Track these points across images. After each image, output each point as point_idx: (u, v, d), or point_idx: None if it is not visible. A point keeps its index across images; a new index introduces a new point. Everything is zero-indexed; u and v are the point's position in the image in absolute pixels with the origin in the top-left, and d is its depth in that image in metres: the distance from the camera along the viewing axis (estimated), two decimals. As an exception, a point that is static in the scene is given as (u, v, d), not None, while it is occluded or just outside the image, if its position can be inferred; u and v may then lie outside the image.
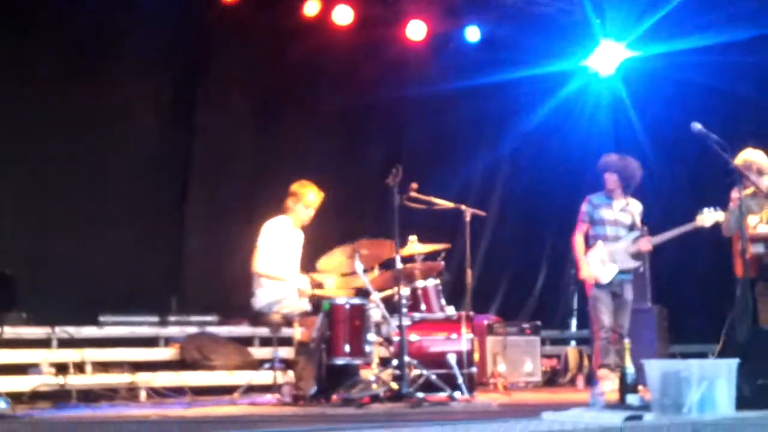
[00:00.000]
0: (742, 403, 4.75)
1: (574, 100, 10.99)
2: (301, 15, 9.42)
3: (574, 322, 10.99)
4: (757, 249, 6.96)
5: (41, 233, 8.38)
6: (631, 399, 5.24)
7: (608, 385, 6.89)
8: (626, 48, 10.55)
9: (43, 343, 7.70)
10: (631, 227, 7.61)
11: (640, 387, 5.40)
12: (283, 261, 7.11)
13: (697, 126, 6.29)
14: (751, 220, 7.08)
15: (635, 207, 7.66)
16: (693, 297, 9.84)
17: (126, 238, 8.78)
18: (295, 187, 7.24)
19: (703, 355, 7.53)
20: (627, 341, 5.68)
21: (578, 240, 7.64)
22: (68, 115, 8.53)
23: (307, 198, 7.18)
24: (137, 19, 8.79)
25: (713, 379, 4.59)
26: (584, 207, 7.64)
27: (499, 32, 10.50)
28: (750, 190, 7.22)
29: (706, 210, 7.26)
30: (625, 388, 5.35)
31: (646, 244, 7.57)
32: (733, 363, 4.72)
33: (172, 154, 9.19)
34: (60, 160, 8.49)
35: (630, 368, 5.40)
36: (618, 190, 7.59)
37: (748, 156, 6.76)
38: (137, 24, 8.82)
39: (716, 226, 7.33)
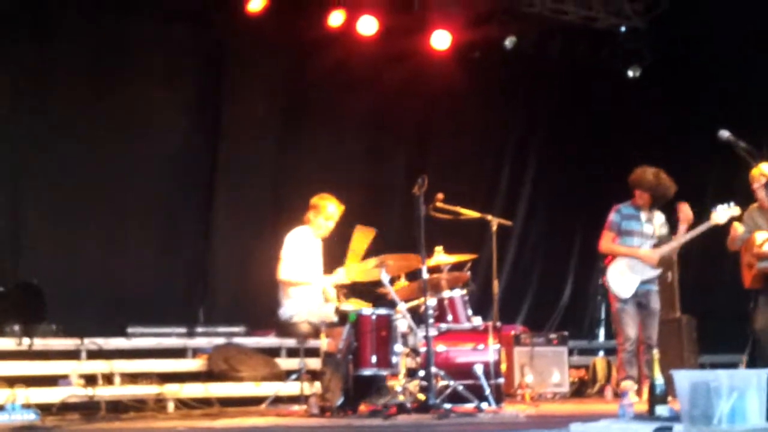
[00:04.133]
0: (773, 414, 4.70)
1: (598, 107, 10.97)
2: (325, 25, 9.46)
3: (601, 332, 10.94)
4: (764, 264, 6.90)
5: (70, 245, 8.46)
6: (661, 410, 5.21)
7: (632, 397, 6.83)
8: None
9: (72, 354, 7.75)
10: (652, 237, 7.54)
11: (670, 398, 5.36)
12: (307, 269, 7.14)
13: (725, 133, 6.24)
14: (759, 236, 7.01)
15: (658, 219, 7.60)
16: (722, 306, 9.74)
17: (153, 249, 8.85)
18: (315, 200, 7.26)
19: (733, 366, 7.48)
20: (655, 352, 5.65)
21: (610, 245, 7.53)
22: (95, 126, 8.62)
23: (327, 211, 7.21)
24: (164, 29, 8.89)
25: (743, 390, 4.54)
26: (613, 216, 7.55)
27: (526, 41, 10.50)
28: (757, 204, 7.18)
29: (720, 207, 7.18)
30: (654, 399, 5.31)
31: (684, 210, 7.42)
32: (763, 373, 4.67)
33: (197, 165, 9.26)
34: (87, 171, 8.57)
35: (659, 379, 5.36)
36: (647, 205, 7.52)
37: (764, 169, 6.69)
38: (164, 33, 8.92)
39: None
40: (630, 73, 10.84)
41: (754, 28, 9.91)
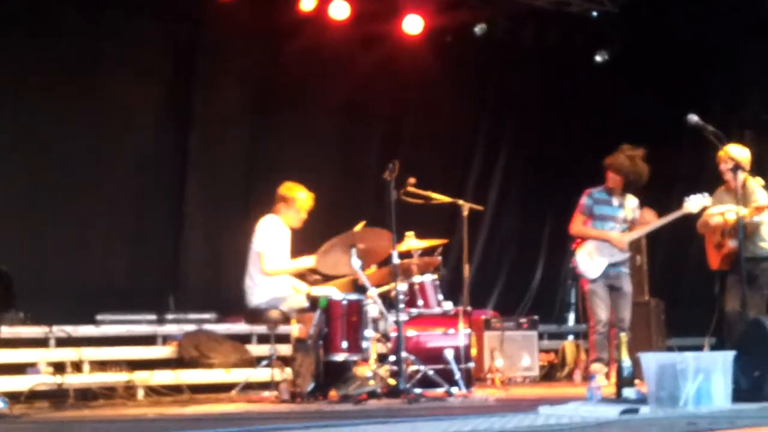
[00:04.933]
0: (738, 395, 4.75)
1: (570, 92, 11.01)
2: (297, 10, 9.40)
3: (571, 317, 11.01)
4: (734, 244, 6.98)
5: (38, 232, 8.41)
6: (628, 392, 5.24)
7: (600, 379, 6.88)
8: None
9: (41, 342, 7.70)
10: (624, 222, 7.58)
11: (637, 381, 5.40)
12: (283, 258, 7.11)
13: (694, 117, 6.28)
14: (729, 216, 7.08)
15: (631, 203, 7.63)
16: (690, 290, 9.84)
17: (123, 237, 8.81)
18: (283, 190, 7.17)
19: (700, 348, 7.56)
20: (623, 335, 5.69)
21: (581, 228, 7.56)
22: (64, 114, 8.55)
23: (298, 201, 7.16)
24: (133, 18, 8.80)
25: (709, 372, 4.59)
26: (584, 200, 7.57)
27: (498, 26, 10.51)
28: (724, 186, 7.26)
29: (693, 196, 7.26)
30: (622, 381, 5.35)
31: (648, 215, 7.50)
32: (729, 355, 4.72)
33: (168, 153, 9.20)
34: (57, 159, 8.51)
35: (627, 362, 5.40)
36: (619, 189, 7.55)
37: (730, 151, 6.75)
38: (133, 22, 8.83)
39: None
40: (598, 58, 10.90)
41: (725, 13, 9.98)
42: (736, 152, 6.83)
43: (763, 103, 10.26)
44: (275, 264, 7.02)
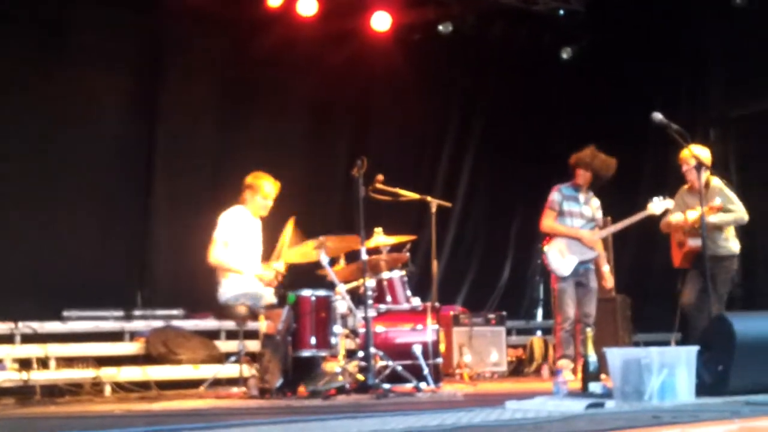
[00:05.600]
0: (702, 389, 4.81)
1: (537, 90, 11.09)
2: (265, 6, 9.39)
3: (539, 313, 11.09)
4: (696, 243, 7.07)
5: (3, 228, 8.29)
6: (594, 387, 5.31)
7: (567, 375, 6.96)
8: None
9: (6, 338, 7.64)
10: (590, 220, 7.66)
11: (603, 375, 5.47)
12: (243, 251, 7.07)
13: (658, 116, 6.35)
14: (690, 214, 7.18)
15: (594, 202, 7.74)
16: (657, 286, 9.95)
17: (89, 232, 8.72)
18: (250, 179, 7.17)
19: (665, 344, 7.65)
20: (589, 330, 5.75)
21: (552, 224, 7.60)
22: (28, 107, 8.45)
23: (264, 189, 7.13)
24: (99, 10, 8.74)
25: (673, 367, 4.65)
26: (554, 195, 7.64)
27: (466, 24, 10.57)
28: (687, 186, 7.36)
29: (656, 198, 7.43)
30: (588, 376, 5.41)
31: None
32: (692, 350, 4.78)
33: (134, 146, 9.13)
34: (21, 152, 8.41)
35: (592, 357, 5.47)
36: (586, 185, 7.63)
37: (692, 150, 6.85)
38: (99, 15, 8.77)
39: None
40: (564, 56, 10.99)
41: (690, 12, 10.09)
42: (697, 152, 6.93)
43: (728, 101, 10.39)
44: (220, 257, 6.97)
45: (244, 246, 7.09)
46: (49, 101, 8.52)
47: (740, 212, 7.27)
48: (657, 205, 7.41)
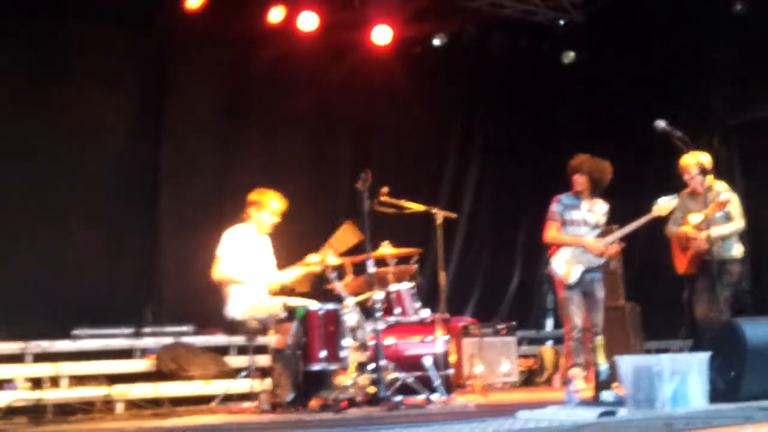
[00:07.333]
0: (715, 396, 4.82)
1: (539, 99, 11.11)
2: (265, 22, 9.43)
3: (549, 322, 11.07)
4: (700, 245, 7.07)
5: (11, 247, 8.32)
6: (605, 395, 5.31)
7: (578, 384, 6.94)
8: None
9: (17, 358, 7.65)
10: (595, 227, 7.65)
11: (615, 383, 5.46)
12: (247, 268, 7.06)
13: (661, 123, 6.37)
14: (693, 218, 7.19)
15: (600, 208, 7.71)
16: (666, 293, 9.93)
17: (98, 250, 8.74)
18: (254, 195, 7.15)
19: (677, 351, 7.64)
20: (599, 338, 5.75)
21: (556, 234, 7.60)
22: (39, 128, 8.48)
23: (270, 206, 7.12)
24: (102, 28, 8.78)
25: (685, 374, 4.65)
26: (554, 206, 7.64)
27: (466, 35, 10.61)
28: (689, 190, 7.37)
29: (661, 199, 7.34)
30: (599, 384, 5.42)
31: (614, 248, 7.61)
32: (704, 357, 4.79)
33: (140, 164, 9.15)
34: (29, 172, 8.43)
35: (603, 365, 5.46)
36: (587, 192, 7.63)
37: (697, 156, 6.85)
38: (102, 33, 8.81)
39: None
40: (565, 60, 11.01)
41: (691, 20, 10.11)
42: (698, 156, 6.94)
43: (729, 109, 10.39)
44: (223, 271, 6.99)
45: (248, 262, 7.08)
46: (56, 119, 8.56)
47: (740, 222, 7.27)
48: (663, 206, 7.34)
